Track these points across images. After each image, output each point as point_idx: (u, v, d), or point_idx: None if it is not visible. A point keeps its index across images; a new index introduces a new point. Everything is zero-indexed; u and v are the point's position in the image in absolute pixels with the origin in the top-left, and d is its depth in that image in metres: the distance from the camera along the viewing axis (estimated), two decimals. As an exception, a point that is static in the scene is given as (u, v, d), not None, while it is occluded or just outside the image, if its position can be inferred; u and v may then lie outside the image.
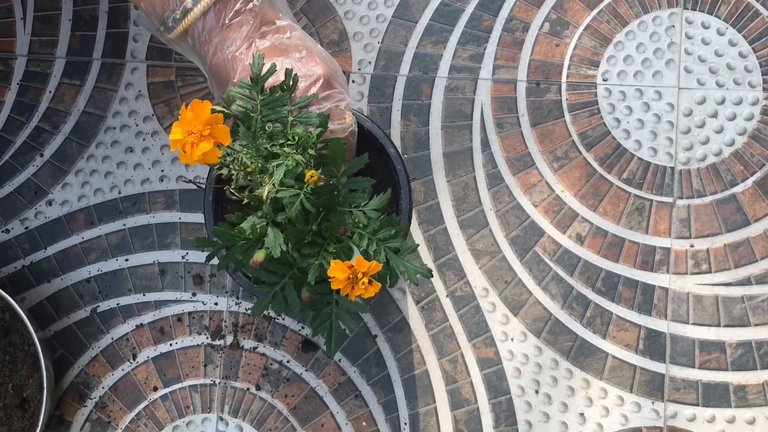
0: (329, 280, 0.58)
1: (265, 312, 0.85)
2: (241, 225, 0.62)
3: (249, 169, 0.62)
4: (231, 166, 0.63)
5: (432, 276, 0.62)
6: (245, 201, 0.63)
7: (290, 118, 0.64)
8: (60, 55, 0.91)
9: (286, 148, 0.62)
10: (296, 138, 0.63)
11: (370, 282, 0.57)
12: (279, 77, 0.64)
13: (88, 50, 0.91)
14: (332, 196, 0.62)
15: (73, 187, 0.90)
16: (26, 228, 0.89)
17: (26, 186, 0.90)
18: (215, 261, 0.73)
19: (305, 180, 0.60)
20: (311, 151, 0.63)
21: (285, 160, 0.61)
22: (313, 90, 0.65)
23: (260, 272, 0.62)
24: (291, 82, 0.64)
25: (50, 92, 0.91)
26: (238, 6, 0.65)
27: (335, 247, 0.62)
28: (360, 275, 0.56)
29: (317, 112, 0.65)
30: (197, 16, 0.65)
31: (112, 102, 0.90)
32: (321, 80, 0.66)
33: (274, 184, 0.60)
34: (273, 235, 0.61)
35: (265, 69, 0.63)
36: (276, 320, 0.86)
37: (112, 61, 0.91)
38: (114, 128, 0.90)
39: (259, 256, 0.60)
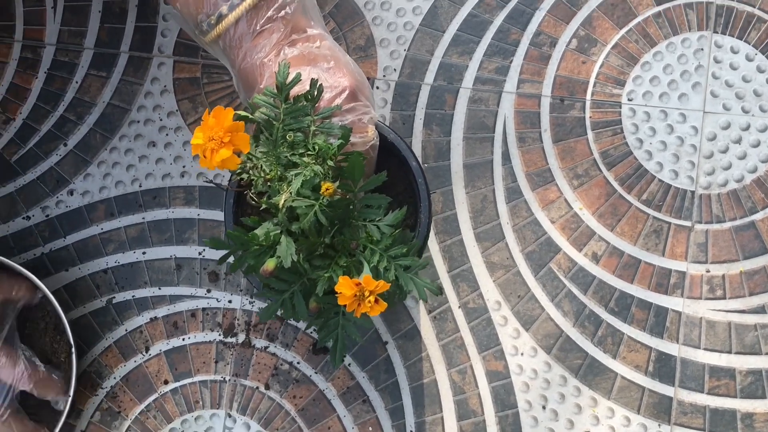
0: (337, 293, 0.59)
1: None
2: (255, 231, 0.62)
3: (268, 176, 0.63)
4: (251, 172, 0.63)
5: (441, 293, 0.62)
6: (263, 207, 0.64)
7: (312, 128, 0.64)
8: (88, 46, 0.92)
9: (305, 158, 0.63)
10: (316, 148, 0.63)
11: (376, 300, 0.57)
12: (305, 86, 0.65)
13: (116, 42, 0.92)
14: (347, 210, 0.62)
15: (94, 178, 0.90)
16: (47, 216, 0.90)
17: (49, 174, 0.91)
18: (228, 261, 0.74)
19: (321, 192, 0.61)
20: (330, 162, 0.63)
21: (303, 170, 0.62)
22: (338, 101, 0.66)
23: (270, 279, 0.62)
24: (315, 92, 0.65)
25: (77, 82, 0.92)
26: (270, 13, 0.65)
27: (346, 261, 0.62)
28: (367, 293, 0.57)
29: (340, 124, 0.65)
30: (231, 23, 0.65)
31: (137, 95, 0.91)
32: (346, 92, 0.66)
33: (291, 193, 0.61)
34: (285, 244, 0.61)
35: (290, 77, 0.63)
36: (288, 321, 0.87)
37: (140, 54, 0.92)
38: (138, 122, 0.91)
39: (270, 264, 0.60)
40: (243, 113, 0.63)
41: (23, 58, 0.93)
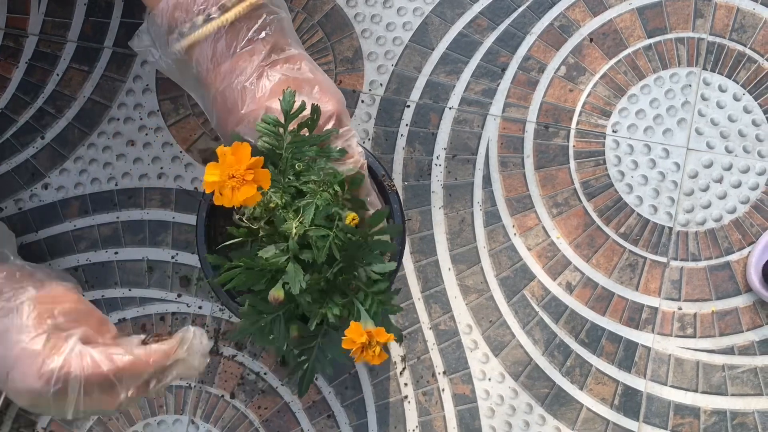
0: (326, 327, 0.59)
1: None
2: (259, 252, 0.61)
3: (272, 205, 0.62)
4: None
5: (402, 341, 0.62)
6: (261, 234, 0.63)
7: (314, 155, 0.63)
8: (72, 38, 0.91)
9: (311, 185, 0.62)
10: (321, 175, 0.62)
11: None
12: (305, 113, 0.63)
13: (100, 37, 0.90)
14: (358, 251, 0.62)
15: (70, 173, 0.89)
16: (20, 209, 0.89)
17: (24, 167, 0.89)
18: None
19: (346, 222, 0.60)
20: (337, 188, 0.62)
21: (314, 199, 0.61)
22: (328, 127, 0.64)
23: (253, 299, 0.62)
24: (315, 117, 0.63)
25: (58, 75, 0.90)
26: (250, 35, 0.63)
27: (340, 300, 0.62)
28: (374, 343, 0.57)
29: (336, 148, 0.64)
30: (205, 34, 0.63)
31: (118, 92, 0.90)
32: (333, 118, 0.64)
33: (301, 222, 0.60)
34: (294, 271, 0.60)
35: (296, 105, 0.61)
36: (258, 331, 0.86)
37: (123, 51, 0.90)
38: (118, 119, 0.89)
39: (279, 293, 0.60)
40: (261, 146, 0.62)
41: (5, 46, 0.91)
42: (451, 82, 0.87)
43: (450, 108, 0.87)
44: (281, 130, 0.61)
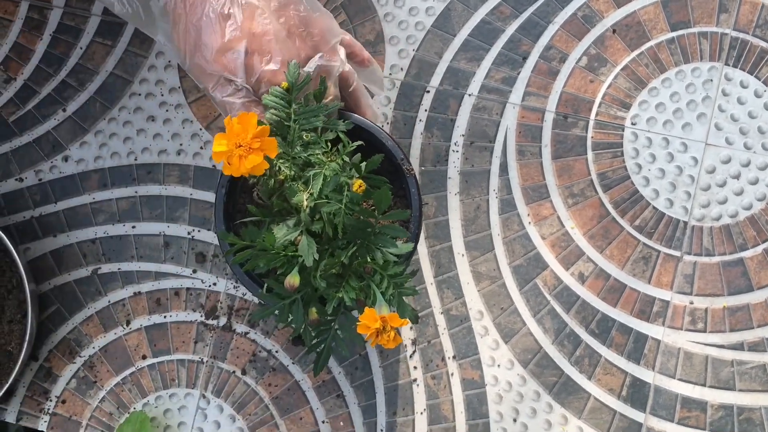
0: (343, 311, 0.60)
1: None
2: (273, 233, 0.62)
3: (281, 177, 0.63)
4: (268, 174, 0.63)
5: (417, 322, 0.63)
6: (274, 208, 0.64)
7: (320, 125, 0.64)
8: (96, 12, 0.91)
9: (321, 156, 0.63)
10: (329, 145, 0.63)
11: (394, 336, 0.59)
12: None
13: (124, 12, 0.91)
14: (367, 233, 0.62)
15: (91, 146, 0.90)
16: (40, 180, 0.90)
17: (45, 138, 0.90)
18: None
19: (354, 189, 0.61)
20: (346, 158, 0.63)
21: (323, 169, 0.61)
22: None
23: (273, 282, 0.63)
24: (323, 88, 0.65)
25: (81, 48, 0.91)
26: None
27: (357, 284, 0.62)
28: (389, 328, 0.58)
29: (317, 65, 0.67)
30: None
31: (140, 68, 0.90)
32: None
33: (311, 194, 0.61)
34: (306, 243, 0.61)
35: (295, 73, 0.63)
36: (271, 309, 0.87)
37: (147, 26, 0.91)
38: (139, 94, 0.90)
39: (295, 279, 0.61)
40: (269, 118, 0.63)
41: (29, 18, 0.91)
42: (471, 68, 0.88)
43: (469, 95, 0.87)
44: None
